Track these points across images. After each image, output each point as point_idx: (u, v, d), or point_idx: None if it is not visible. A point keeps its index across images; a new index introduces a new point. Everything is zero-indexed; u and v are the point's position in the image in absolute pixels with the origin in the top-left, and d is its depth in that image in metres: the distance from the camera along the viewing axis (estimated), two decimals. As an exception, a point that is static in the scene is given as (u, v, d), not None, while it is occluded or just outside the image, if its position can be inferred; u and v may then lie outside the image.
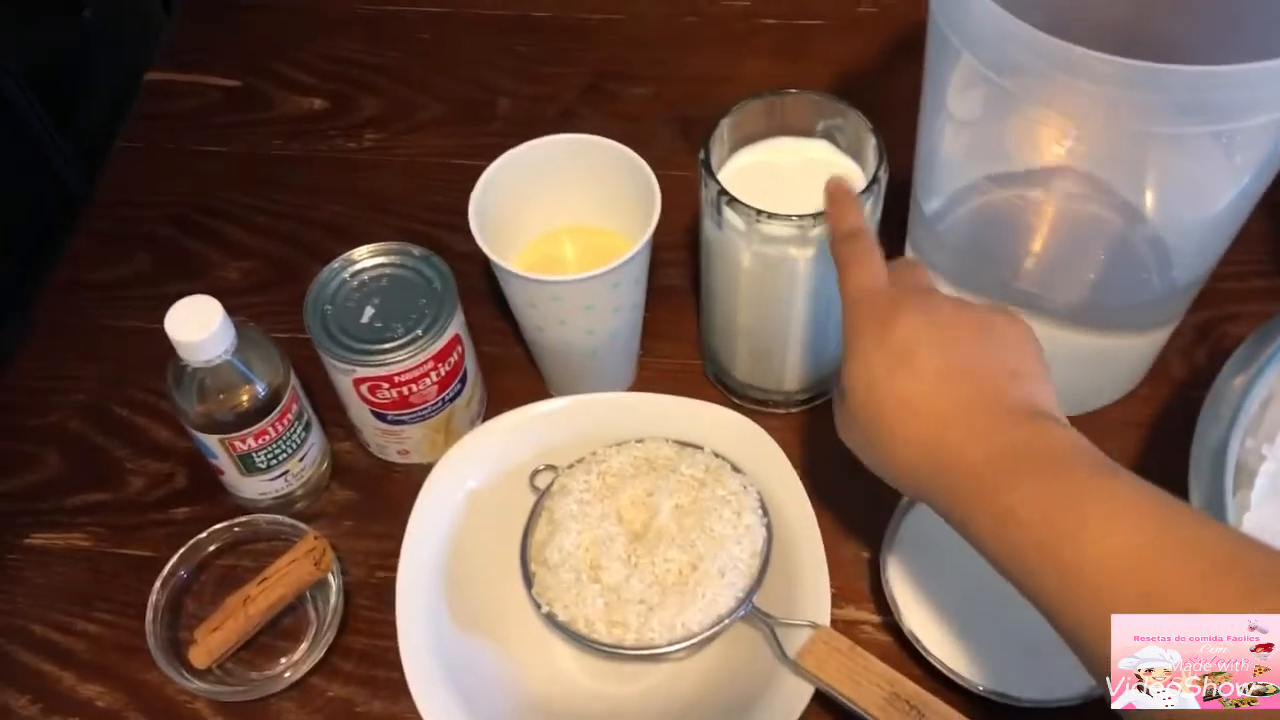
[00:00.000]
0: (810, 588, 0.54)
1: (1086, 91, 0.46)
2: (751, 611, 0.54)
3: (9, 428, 0.68)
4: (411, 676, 0.53)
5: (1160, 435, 0.65)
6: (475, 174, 0.61)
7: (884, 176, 0.56)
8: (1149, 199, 0.57)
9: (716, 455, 0.58)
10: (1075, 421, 0.65)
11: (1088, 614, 0.36)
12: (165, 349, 0.57)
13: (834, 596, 0.55)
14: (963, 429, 0.43)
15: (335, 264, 0.60)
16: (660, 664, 0.57)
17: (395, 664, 0.57)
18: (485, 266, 0.72)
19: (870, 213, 0.56)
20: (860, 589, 0.60)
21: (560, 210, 0.64)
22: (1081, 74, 0.45)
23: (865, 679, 0.51)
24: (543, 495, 0.58)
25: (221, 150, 0.81)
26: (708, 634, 0.53)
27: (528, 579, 0.56)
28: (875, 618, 0.59)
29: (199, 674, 0.57)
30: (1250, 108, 0.45)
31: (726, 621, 0.53)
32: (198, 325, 0.54)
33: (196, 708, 0.58)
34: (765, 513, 0.56)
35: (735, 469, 0.57)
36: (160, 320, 0.55)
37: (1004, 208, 0.59)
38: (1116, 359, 0.64)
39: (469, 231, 0.60)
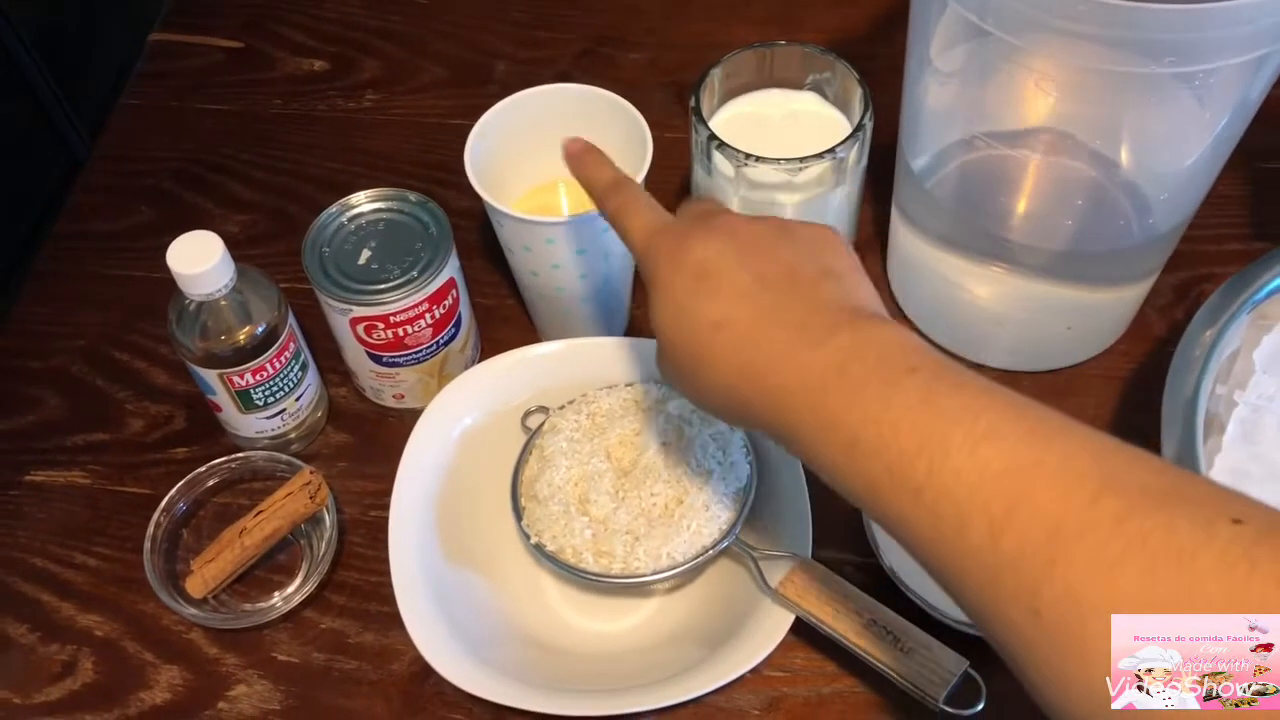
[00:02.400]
0: (793, 521, 0.56)
1: (1064, 32, 0.47)
2: (735, 542, 0.55)
3: (10, 370, 0.70)
4: (403, 604, 0.54)
5: (1138, 390, 0.66)
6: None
7: (869, 123, 0.57)
8: (1125, 146, 0.58)
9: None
10: (1056, 375, 0.68)
11: (948, 540, 0.34)
12: (164, 297, 0.58)
13: (816, 539, 0.56)
14: (782, 342, 0.40)
15: (333, 208, 0.62)
16: (646, 599, 0.58)
17: (387, 599, 0.59)
18: (480, 221, 0.73)
19: (856, 159, 0.58)
20: (842, 532, 0.61)
21: (554, 160, 0.65)
22: (1059, 13, 0.46)
23: (844, 607, 0.52)
24: (534, 434, 0.60)
25: (222, 109, 0.82)
26: (692, 564, 0.54)
27: (518, 512, 0.57)
28: (856, 558, 0.60)
29: (195, 603, 0.59)
30: (1221, 49, 0.46)
31: (710, 552, 0.54)
32: (199, 259, 0.55)
33: (192, 637, 0.60)
34: (750, 451, 0.57)
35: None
36: (159, 270, 0.56)
37: (988, 162, 0.61)
38: (1097, 314, 0.65)
39: (465, 188, 0.61)
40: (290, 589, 0.60)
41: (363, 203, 0.62)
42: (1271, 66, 0.50)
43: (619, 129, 0.62)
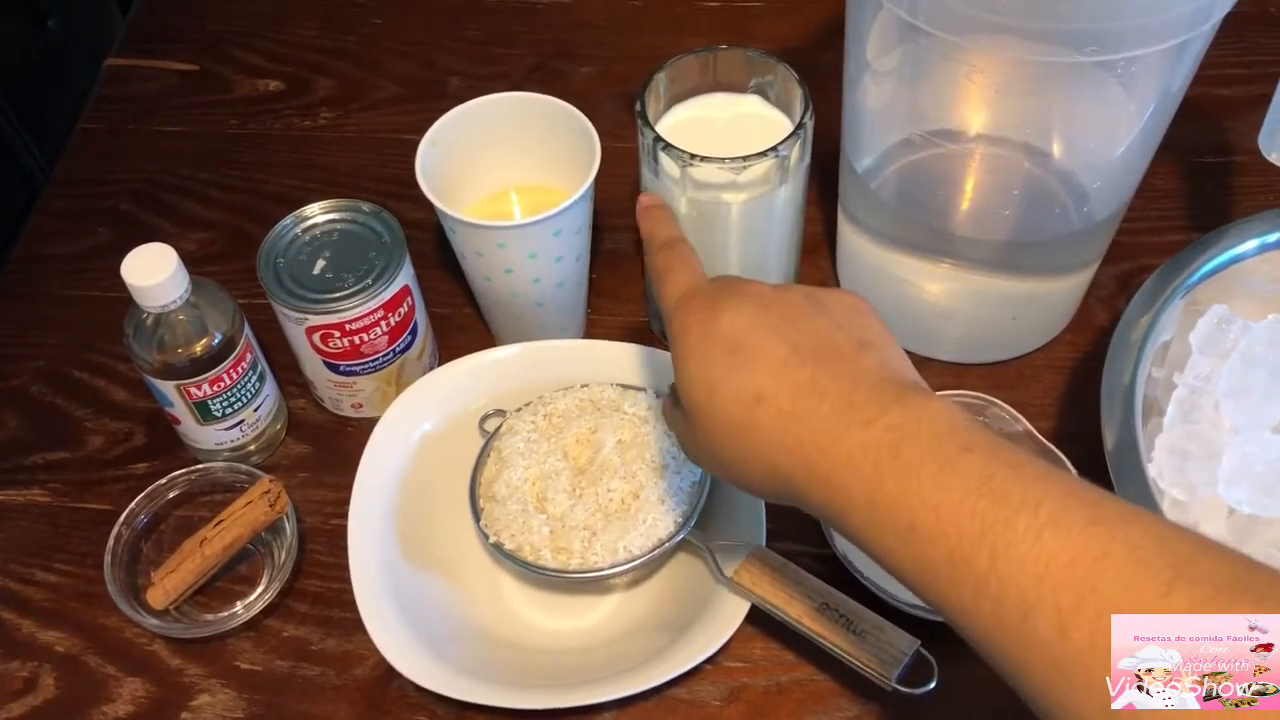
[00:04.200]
0: (747, 512, 0.57)
1: (993, 26, 0.49)
2: (691, 534, 0.56)
3: (-31, 392, 0.70)
4: (364, 606, 0.55)
5: (1082, 378, 0.68)
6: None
7: (809, 122, 0.58)
8: (1056, 136, 0.60)
9: (659, 395, 0.60)
10: (1005, 366, 0.69)
11: (1010, 630, 0.34)
12: (124, 316, 0.59)
13: (771, 530, 0.57)
14: (828, 419, 0.39)
15: (288, 220, 0.63)
16: (606, 594, 0.59)
17: (349, 605, 0.59)
18: (435, 232, 0.74)
19: (799, 157, 0.59)
20: (796, 524, 0.62)
21: (506, 169, 0.66)
22: (985, 7, 0.48)
23: (797, 593, 0.53)
24: (491, 436, 0.61)
25: (179, 130, 0.83)
26: (648, 556, 0.55)
27: (476, 513, 0.58)
28: (811, 549, 0.61)
29: (156, 614, 0.59)
30: (1141, 37, 0.48)
31: (667, 545, 0.55)
32: (153, 271, 0.56)
33: (154, 649, 0.60)
34: (704, 445, 0.58)
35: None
36: (118, 289, 0.57)
37: (929, 159, 0.63)
38: (1042, 303, 0.67)
39: (420, 200, 0.62)
40: (252, 597, 0.60)
41: (317, 214, 0.63)
42: (1192, 54, 0.52)
43: (568, 135, 0.64)
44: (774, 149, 0.57)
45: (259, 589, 0.61)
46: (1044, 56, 0.50)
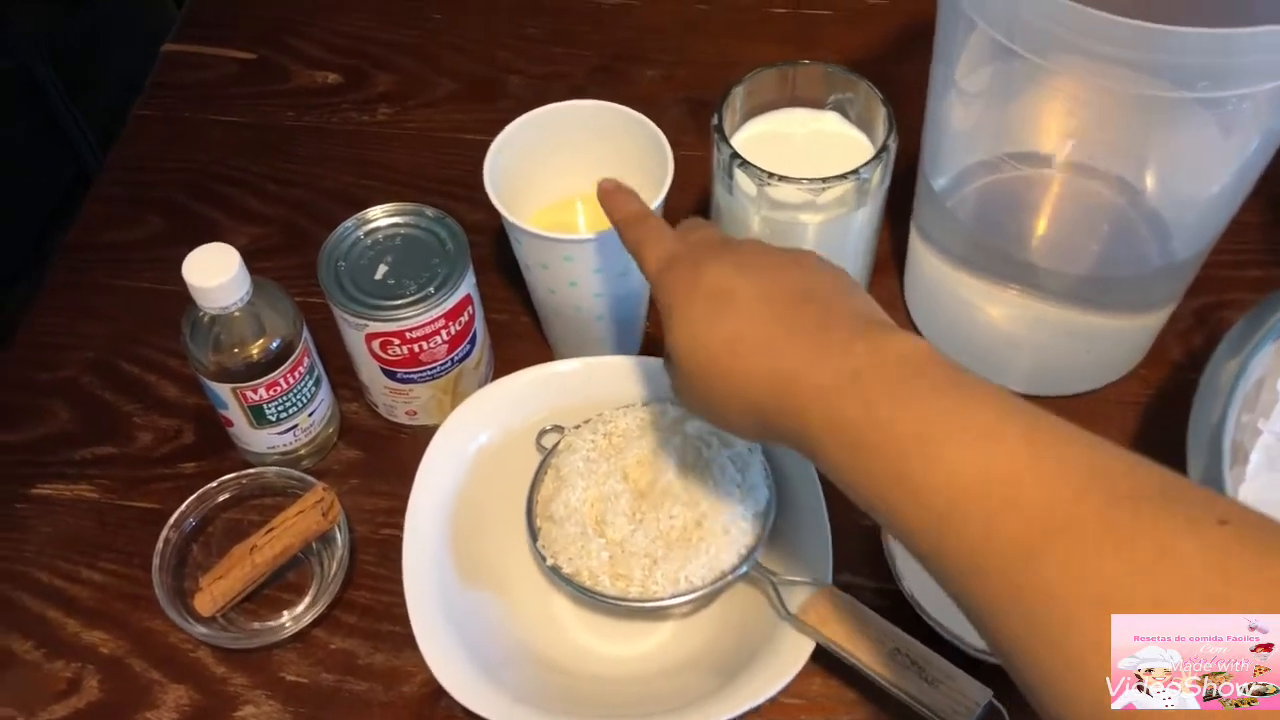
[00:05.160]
0: (813, 546, 0.55)
1: (1094, 54, 0.47)
2: (754, 568, 0.54)
3: (19, 381, 0.69)
4: (417, 624, 0.54)
5: (1157, 415, 0.66)
6: (486, 148, 0.61)
7: (893, 145, 0.57)
8: (1149, 172, 0.58)
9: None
10: (1075, 400, 0.67)
11: (945, 537, 0.35)
12: (175, 309, 0.58)
13: (834, 562, 0.55)
14: (800, 352, 0.41)
15: (349, 222, 0.61)
16: (662, 622, 0.57)
17: (398, 618, 0.58)
18: (495, 236, 0.73)
19: (880, 180, 0.57)
20: (860, 555, 0.60)
21: (572, 177, 0.65)
22: (1091, 35, 0.46)
23: (865, 635, 0.51)
24: (549, 453, 0.59)
25: (235, 120, 0.81)
26: (710, 588, 0.54)
27: (533, 532, 0.57)
28: (874, 583, 0.59)
29: (203, 621, 0.58)
30: (1257, 74, 0.46)
31: (729, 576, 0.54)
32: (215, 271, 0.55)
33: (199, 656, 0.59)
34: (769, 473, 0.57)
35: (740, 431, 0.58)
36: (171, 282, 0.56)
37: (1010, 183, 0.61)
38: (1116, 339, 0.65)
39: (479, 202, 0.61)
40: (300, 608, 0.59)
41: (379, 217, 0.62)
42: (1302, 92, 0.49)
43: (639, 146, 0.62)
44: (855, 172, 0.55)
45: (307, 599, 0.60)
46: (1149, 90, 0.48)
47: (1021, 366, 0.66)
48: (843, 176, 0.55)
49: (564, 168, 0.64)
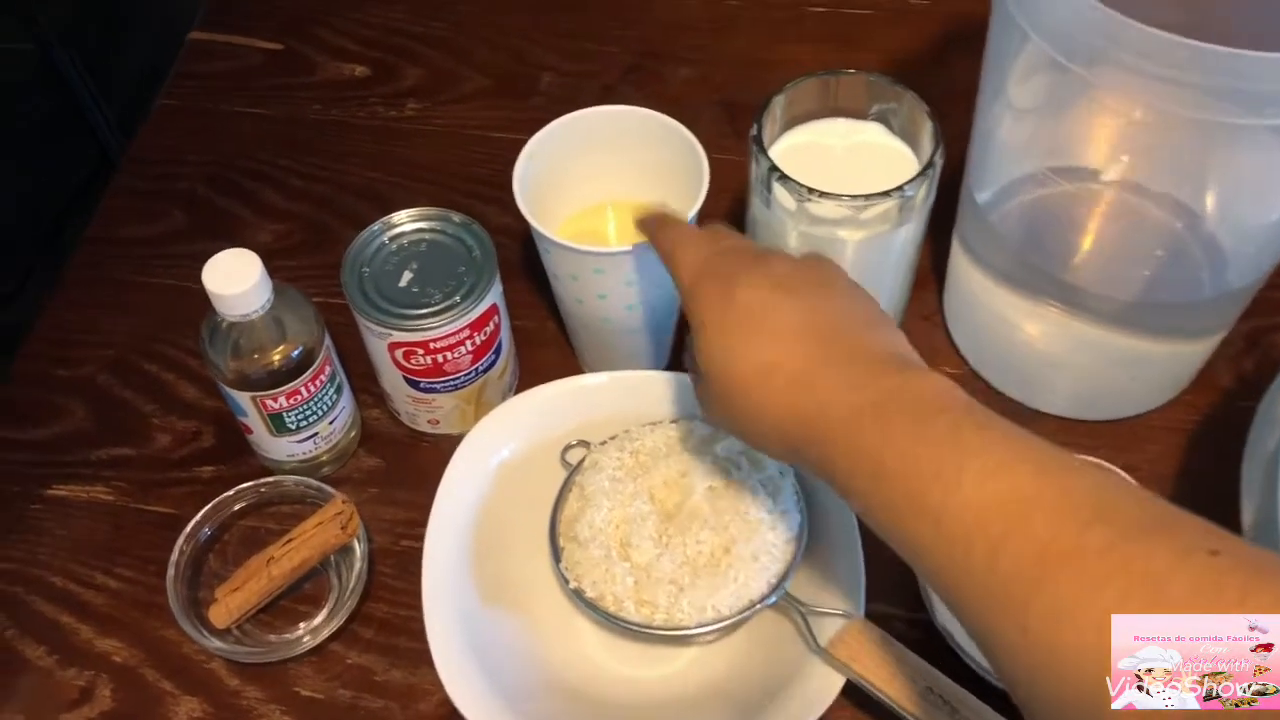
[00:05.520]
0: (845, 577, 0.53)
1: (1156, 76, 0.45)
2: (784, 598, 0.53)
3: (38, 377, 0.68)
4: (435, 646, 0.52)
5: (1204, 443, 0.63)
6: (515, 147, 0.60)
7: (939, 162, 0.54)
8: (1208, 197, 0.56)
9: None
10: (1117, 425, 0.65)
11: (956, 562, 0.36)
12: (196, 307, 0.56)
13: (866, 593, 0.53)
14: (829, 383, 0.42)
15: (375, 226, 0.60)
16: (686, 647, 0.56)
17: (416, 633, 0.57)
18: (521, 240, 0.71)
19: (924, 197, 0.55)
20: (892, 584, 0.58)
21: (603, 183, 0.63)
22: (1153, 57, 0.44)
23: (898, 672, 0.50)
24: (574, 470, 0.57)
25: (260, 113, 0.80)
26: (738, 618, 0.52)
27: (556, 553, 0.55)
28: (906, 614, 0.58)
29: (217, 633, 0.57)
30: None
31: (758, 606, 0.52)
32: (236, 278, 0.53)
33: (213, 668, 0.58)
34: (801, 498, 0.55)
35: (772, 453, 0.56)
36: (191, 279, 0.54)
37: (1058, 200, 0.58)
38: (1163, 364, 0.63)
39: (506, 204, 0.59)
40: (317, 620, 0.58)
41: (405, 222, 0.60)
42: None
43: (674, 153, 0.60)
44: (900, 189, 0.53)
45: (324, 612, 0.58)
46: (1214, 115, 0.45)
47: (1063, 389, 0.64)
48: (886, 194, 0.53)
49: (596, 173, 0.63)
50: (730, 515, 0.53)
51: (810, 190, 0.53)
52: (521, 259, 0.71)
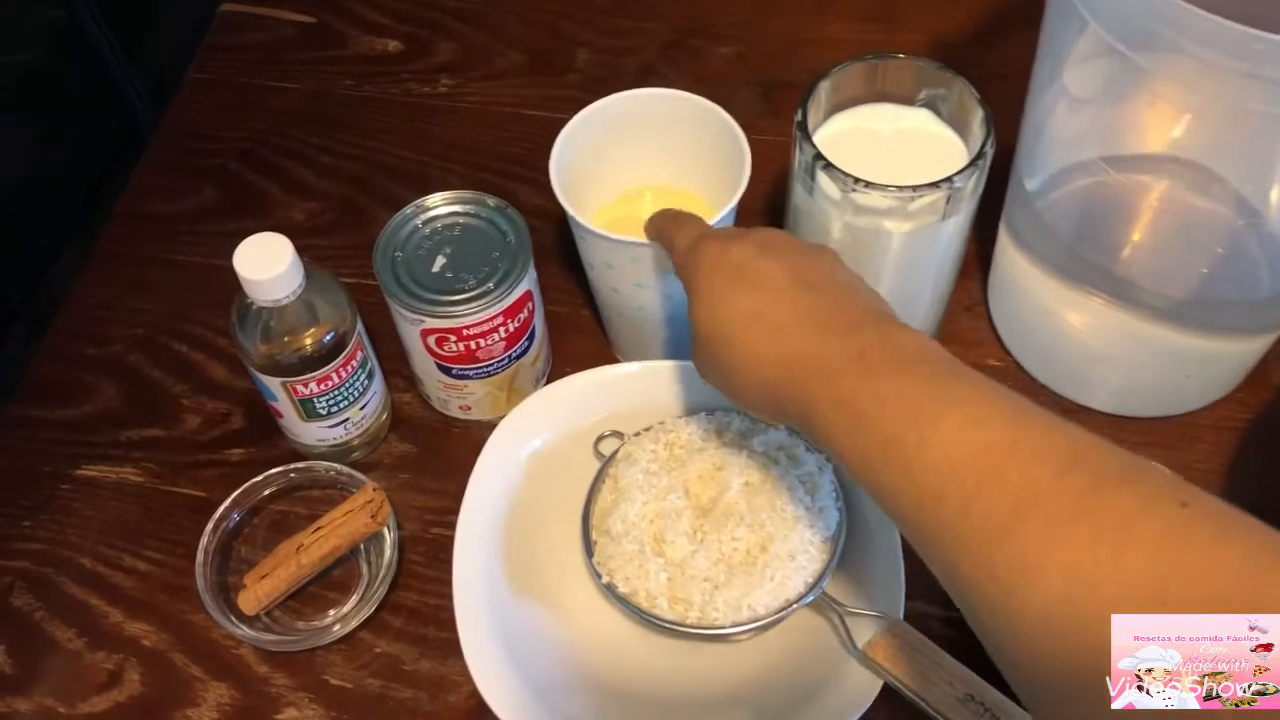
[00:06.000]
0: (883, 577, 0.52)
1: (1224, 67, 0.43)
2: (821, 598, 0.51)
3: (68, 355, 0.67)
4: (465, 639, 0.52)
5: (1257, 442, 0.61)
6: (549, 126, 0.58)
7: (990, 151, 0.53)
8: (1270, 192, 0.53)
9: (791, 432, 0.56)
10: (1165, 422, 0.63)
11: (928, 510, 0.36)
12: (227, 286, 0.55)
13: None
14: (811, 331, 0.43)
15: (408, 210, 0.59)
16: (720, 645, 0.55)
17: (445, 623, 0.56)
18: (556, 222, 0.70)
19: (974, 188, 0.53)
20: (930, 581, 0.57)
21: (642, 168, 0.62)
22: (1222, 48, 0.42)
23: (938, 677, 0.49)
24: (607, 462, 0.56)
25: (292, 87, 0.79)
26: (774, 618, 0.51)
27: (589, 547, 0.54)
28: (943, 612, 0.56)
29: (246, 620, 0.56)
30: None
31: (794, 606, 0.51)
32: (267, 263, 0.52)
33: (241, 653, 0.57)
34: (840, 494, 0.54)
35: (810, 448, 0.55)
36: (222, 257, 0.53)
37: (1111, 190, 0.56)
38: (1216, 361, 0.61)
39: (540, 184, 0.58)
40: (346, 608, 0.58)
41: (439, 205, 0.59)
42: None
43: (713, 139, 0.59)
44: (949, 180, 0.51)
45: (353, 599, 0.58)
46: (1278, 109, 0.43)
47: (1109, 384, 0.62)
48: (935, 185, 0.51)
49: (633, 158, 0.61)
50: (767, 512, 0.52)
51: (856, 180, 0.51)
52: (556, 242, 0.69)
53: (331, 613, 0.58)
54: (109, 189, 0.76)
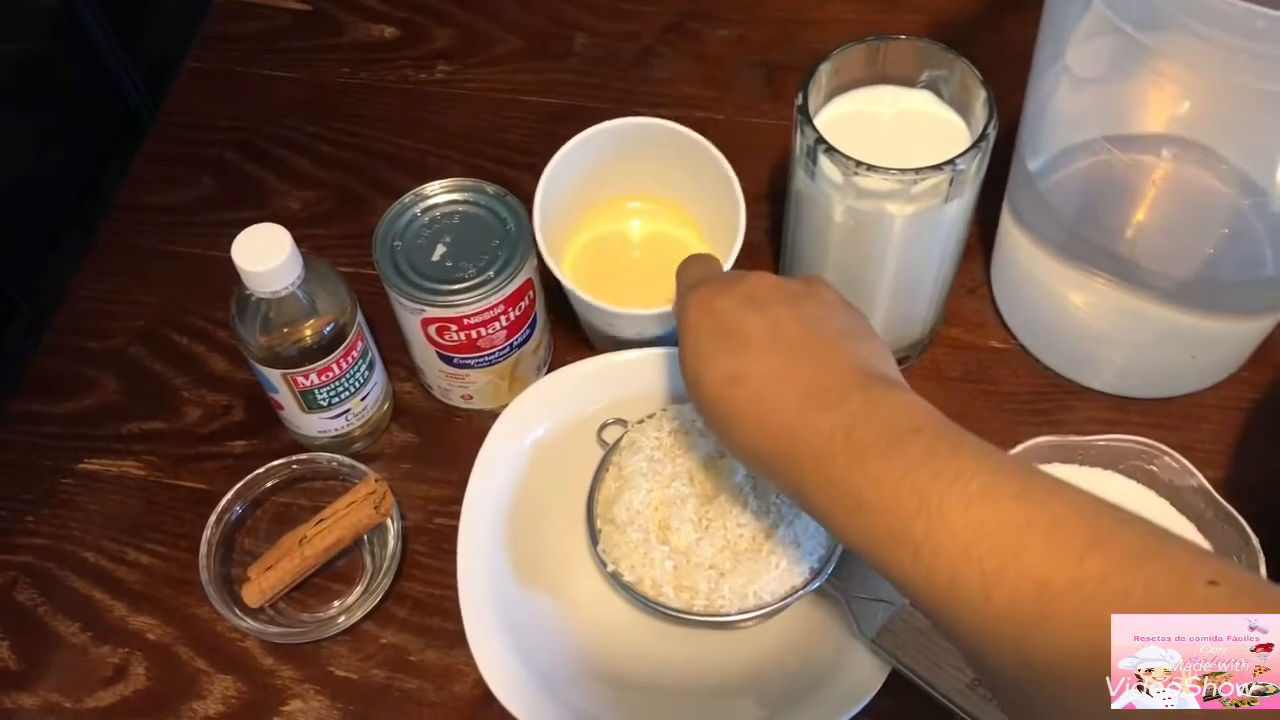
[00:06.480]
0: (889, 563, 0.52)
1: (1229, 46, 0.42)
2: (826, 584, 0.51)
3: (68, 349, 0.67)
4: (471, 630, 0.52)
5: (1259, 422, 0.61)
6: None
7: (993, 133, 0.52)
8: (1274, 172, 0.53)
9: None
10: (1169, 403, 0.63)
11: (941, 593, 0.36)
12: (226, 277, 0.55)
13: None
14: (794, 403, 0.41)
15: (406, 198, 0.58)
16: (726, 632, 0.55)
17: (450, 613, 0.56)
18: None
19: (976, 170, 0.53)
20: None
21: (630, 181, 0.62)
22: (1227, 26, 0.41)
23: (945, 662, 0.48)
24: (611, 450, 0.56)
25: (288, 75, 0.78)
26: (780, 605, 0.51)
27: (593, 535, 0.54)
28: (950, 596, 0.56)
29: (251, 613, 0.56)
30: None
31: (800, 593, 0.51)
32: (266, 254, 0.52)
33: (246, 646, 0.57)
34: (844, 481, 0.53)
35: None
36: (220, 248, 0.53)
37: (1114, 170, 0.56)
38: (1220, 341, 0.60)
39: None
40: (350, 599, 0.57)
41: (438, 193, 0.58)
42: None
43: (711, 178, 0.59)
44: (951, 162, 0.51)
45: (357, 591, 0.58)
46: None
47: (1114, 365, 0.62)
48: (938, 167, 0.51)
49: (621, 176, 0.61)
50: (771, 498, 0.52)
51: (859, 163, 0.51)
52: (555, 228, 0.69)
53: (336, 604, 0.57)
54: (106, 178, 0.76)
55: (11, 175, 0.70)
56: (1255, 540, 0.53)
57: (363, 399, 0.59)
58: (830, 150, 0.52)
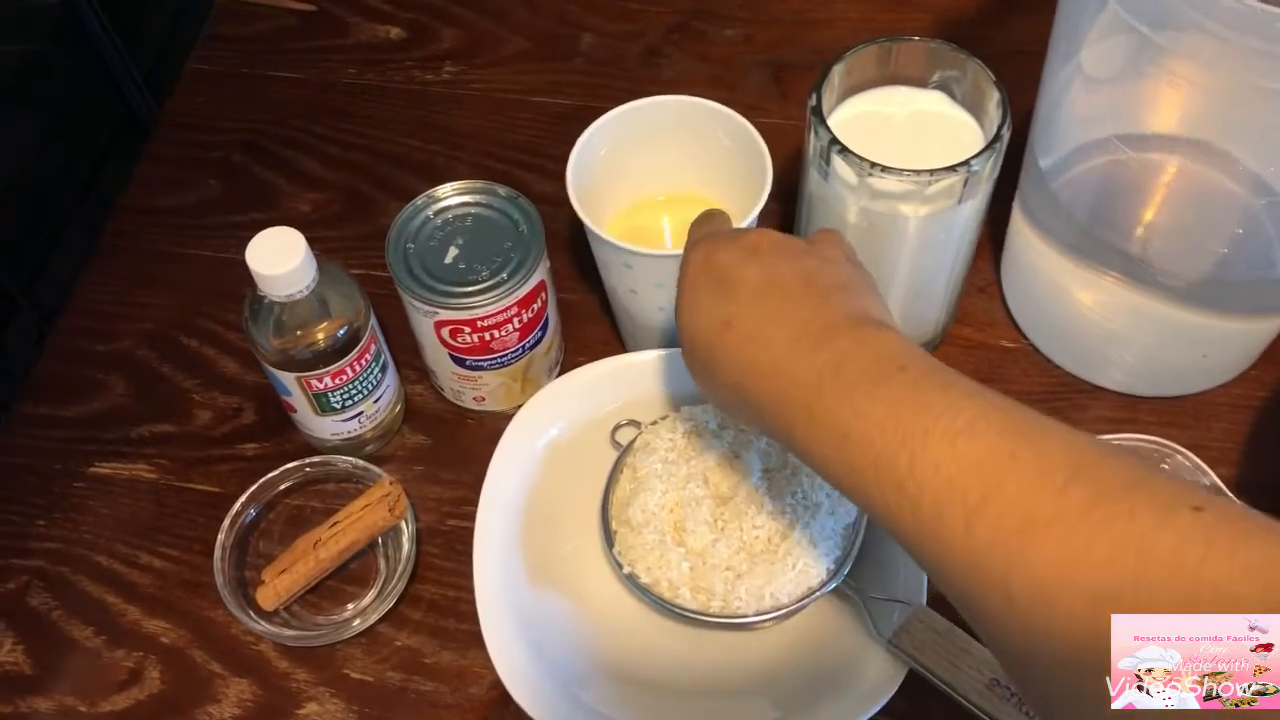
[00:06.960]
0: (906, 563, 0.52)
1: (1244, 47, 0.42)
2: (843, 585, 0.51)
3: (77, 352, 0.67)
4: (488, 632, 0.52)
5: (1272, 420, 0.61)
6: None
7: (1007, 134, 0.52)
8: (1286, 170, 0.53)
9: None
10: (1180, 401, 0.63)
11: (927, 528, 0.35)
12: (235, 280, 0.55)
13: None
14: (784, 343, 0.41)
15: (419, 201, 0.58)
16: (742, 633, 0.55)
17: (465, 615, 0.56)
18: (568, 209, 0.69)
19: (990, 171, 0.53)
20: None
21: (660, 174, 0.62)
22: (1237, 25, 0.41)
23: (964, 663, 0.48)
24: (625, 451, 0.56)
25: (294, 76, 0.78)
26: (797, 606, 0.51)
27: (609, 537, 0.54)
28: (964, 595, 0.56)
29: (265, 616, 0.56)
30: None
31: (817, 594, 0.51)
32: (280, 258, 0.52)
33: (261, 649, 0.57)
34: (859, 482, 0.53)
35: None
36: (229, 250, 0.53)
37: (1127, 169, 0.56)
38: (1231, 341, 0.61)
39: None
40: (365, 601, 0.57)
41: (450, 195, 0.58)
42: None
43: (732, 146, 0.59)
44: (965, 163, 0.51)
45: (371, 593, 0.58)
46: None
47: (1124, 364, 0.62)
48: (952, 169, 0.51)
49: (651, 164, 0.61)
50: (787, 499, 0.52)
51: (874, 164, 0.51)
52: (565, 230, 0.69)
53: (350, 607, 0.57)
54: (106, 178, 0.75)
55: (11, 175, 0.70)
56: None
57: (375, 401, 0.59)
58: (845, 152, 0.52)
